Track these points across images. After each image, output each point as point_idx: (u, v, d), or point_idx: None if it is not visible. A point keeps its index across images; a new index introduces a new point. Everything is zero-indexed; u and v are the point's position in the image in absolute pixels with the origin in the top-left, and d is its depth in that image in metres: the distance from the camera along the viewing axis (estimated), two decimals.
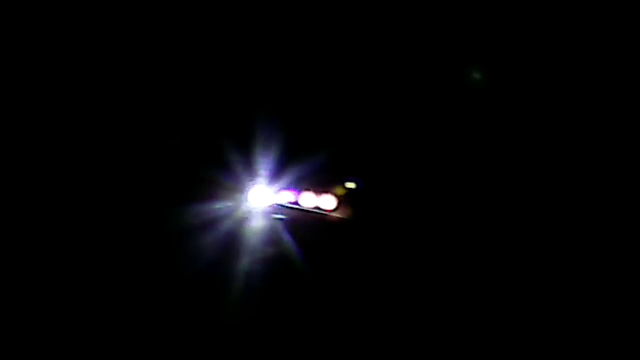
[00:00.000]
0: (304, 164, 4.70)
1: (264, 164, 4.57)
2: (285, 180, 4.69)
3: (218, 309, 4.12)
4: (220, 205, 4.48)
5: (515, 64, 4.69)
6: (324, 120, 4.84)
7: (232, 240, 4.44)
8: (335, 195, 4.71)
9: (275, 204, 4.69)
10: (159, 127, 4.61)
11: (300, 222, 4.69)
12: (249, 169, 4.58)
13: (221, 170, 4.51)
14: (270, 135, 4.59)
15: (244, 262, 4.42)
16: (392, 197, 4.79)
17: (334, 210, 4.71)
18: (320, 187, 4.72)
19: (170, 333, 3.95)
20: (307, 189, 4.72)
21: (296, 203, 4.69)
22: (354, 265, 4.49)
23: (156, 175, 4.52)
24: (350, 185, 4.91)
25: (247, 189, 4.61)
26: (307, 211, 4.68)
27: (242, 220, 4.54)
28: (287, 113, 4.73)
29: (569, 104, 4.62)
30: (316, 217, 4.67)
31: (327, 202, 4.70)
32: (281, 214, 4.75)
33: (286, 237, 4.60)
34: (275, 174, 4.65)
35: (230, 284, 4.28)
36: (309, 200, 4.69)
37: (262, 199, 4.64)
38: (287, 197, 4.75)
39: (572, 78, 4.58)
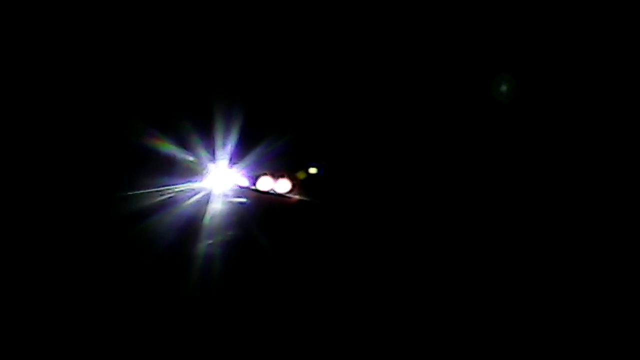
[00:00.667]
0: (267, 148, 4.76)
1: (225, 148, 4.61)
2: (246, 163, 4.75)
3: (178, 290, 4.10)
4: (180, 187, 4.48)
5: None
6: (292, 107, 4.94)
7: (193, 223, 4.44)
8: (290, 179, 4.83)
9: (236, 186, 4.75)
10: (120, 111, 4.56)
11: (258, 204, 4.75)
12: (211, 152, 4.60)
13: (182, 152, 4.51)
14: (234, 120, 4.62)
15: (204, 244, 4.43)
16: (347, 183, 4.91)
17: (288, 193, 4.88)
18: (278, 171, 4.83)
19: (130, 313, 3.91)
20: (265, 173, 4.81)
21: (254, 186, 4.78)
22: (310, 245, 4.56)
23: (116, 159, 4.47)
24: (313, 170, 5.01)
25: (208, 171, 4.63)
26: (263, 193, 4.77)
27: (203, 203, 4.56)
28: (254, 99, 4.77)
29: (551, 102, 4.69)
30: (273, 199, 4.75)
31: (282, 185, 4.89)
32: (242, 197, 4.80)
33: (246, 220, 4.65)
34: (237, 158, 4.70)
35: (189, 265, 4.28)
36: (266, 183, 4.80)
37: (222, 181, 4.67)
38: (247, 180, 4.82)
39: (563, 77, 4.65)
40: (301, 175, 5.08)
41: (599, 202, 4.40)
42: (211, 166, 4.58)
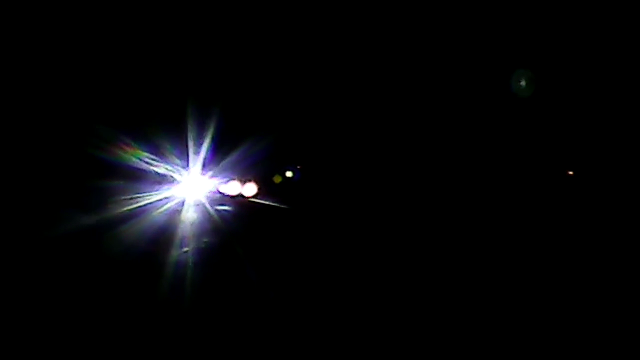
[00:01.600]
0: (243, 153, 4.73)
1: (199, 154, 4.56)
2: (221, 169, 4.71)
3: (151, 298, 4.05)
4: (152, 196, 4.42)
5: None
6: (268, 111, 4.96)
7: (166, 231, 4.39)
8: (258, 184, 5.01)
9: (213, 192, 4.73)
10: (93, 119, 4.48)
11: (236, 211, 4.74)
12: (184, 159, 4.55)
13: (153, 160, 4.45)
14: (207, 125, 4.57)
15: (178, 252, 4.38)
16: (324, 187, 5.00)
17: (254, 197, 5.00)
18: (246, 176, 4.92)
19: (103, 322, 3.84)
20: (233, 178, 4.80)
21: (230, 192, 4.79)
22: (288, 251, 4.54)
23: (84, 167, 4.40)
24: (288, 174, 5.00)
25: (181, 178, 4.58)
26: (234, 198, 4.87)
27: (177, 210, 4.51)
28: (228, 103, 4.72)
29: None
30: (250, 205, 4.74)
31: (249, 189, 5.02)
32: (224, 204, 4.79)
33: (222, 227, 4.62)
34: (212, 164, 4.66)
35: (163, 273, 4.23)
36: (234, 188, 4.93)
37: (196, 188, 4.63)
38: (225, 186, 4.82)
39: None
40: (277, 179, 5.06)
41: (599, 202, 4.46)
42: (184, 173, 4.52)
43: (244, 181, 4.97)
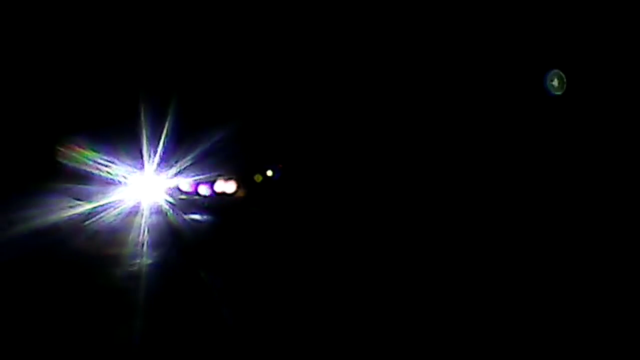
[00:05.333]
0: (210, 149, 4.24)
1: (154, 152, 4.04)
2: (182, 167, 4.23)
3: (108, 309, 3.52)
4: (99, 201, 3.93)
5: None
6: (237, 100, 4.61)
7: (114, 241, 3.89)
8: (237, 182, 4.63)
9: (176, 193, 4.27)
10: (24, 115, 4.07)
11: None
12: (137, 158, 4.04)
13: (100, 160, 3.97)
14: (164, 118, 4.06)
15: (125, 267, 3.85)
16: (307, 187, 4.60)
17: (233, 194, 4.61)
18: (227, 174, 4.61)
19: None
20: (219, 175, 4.59)
21: (195, 191, 4.47)
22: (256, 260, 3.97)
23: (39, 170, 4.00)
24: (268, 173, 4.70)
25: (134, 180, 4.08)
26: (217, 196, 4.58)
27: (128, 216, 3.99)
28: (189, 89, 4.40)
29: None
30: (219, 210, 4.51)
31: (229, 187, 4.61)
32: (194, 207, 4.32)
33: (180, 235, 4.09)
34: (170, 162, 4.15)
35: (108, 292, 3.69)
36: (220, 186, 4.58)
37: (153, 191, 4.13)
38: (189, 185, 4.37)
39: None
40: (257, 178, 4.58)
41: (599, 202, 4.36)
42: (137, 174, 4.00)
43: (226, 179, 4.51)
